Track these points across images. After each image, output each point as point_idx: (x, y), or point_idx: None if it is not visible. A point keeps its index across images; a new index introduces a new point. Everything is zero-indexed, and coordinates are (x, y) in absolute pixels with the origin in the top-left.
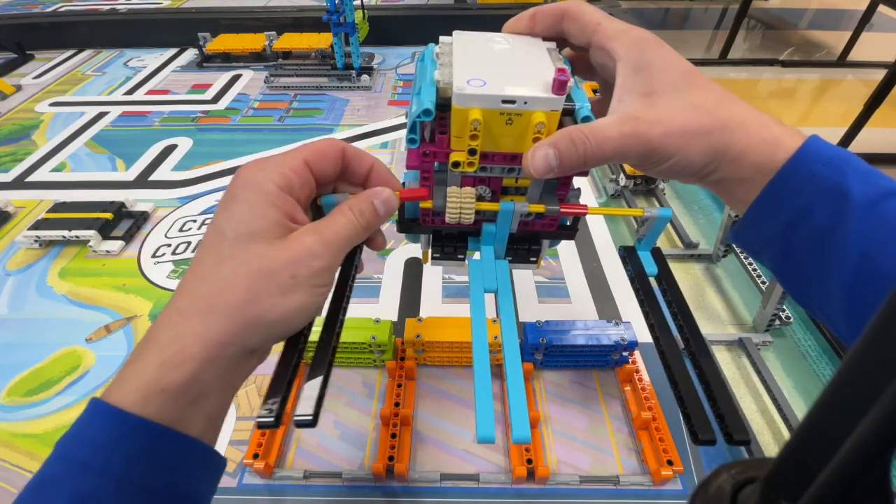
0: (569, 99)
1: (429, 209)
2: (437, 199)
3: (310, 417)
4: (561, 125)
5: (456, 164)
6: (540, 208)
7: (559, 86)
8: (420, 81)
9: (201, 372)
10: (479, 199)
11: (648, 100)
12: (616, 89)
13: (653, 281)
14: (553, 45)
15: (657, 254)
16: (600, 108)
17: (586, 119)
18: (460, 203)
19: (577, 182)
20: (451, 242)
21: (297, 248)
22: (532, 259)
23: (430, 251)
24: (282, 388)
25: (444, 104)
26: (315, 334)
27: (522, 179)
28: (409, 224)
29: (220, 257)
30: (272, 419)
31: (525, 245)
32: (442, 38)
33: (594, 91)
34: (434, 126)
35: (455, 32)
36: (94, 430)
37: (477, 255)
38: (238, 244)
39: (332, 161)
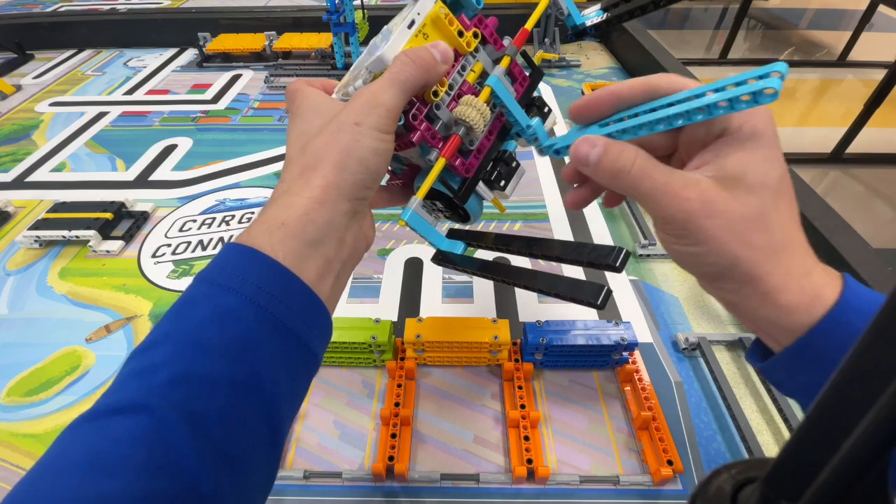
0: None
1: (457, 161)
2: (462, 133)
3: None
4: (460, 17)
5: (436, 94)
6: (507, 60)
7: None
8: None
9: (311, 211)
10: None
11: (729, 183)
12: (706, 152)
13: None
14: None
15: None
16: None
17: None
18: (475, 108)
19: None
20: (495, 171)
21: (355, 102)
22: (546, 111)
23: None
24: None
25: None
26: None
27: (475, 67)
28: (463, 191)
29: (305, 145)
30: None
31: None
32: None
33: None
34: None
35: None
36: (229, 263)
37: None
38: (314, 132)
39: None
